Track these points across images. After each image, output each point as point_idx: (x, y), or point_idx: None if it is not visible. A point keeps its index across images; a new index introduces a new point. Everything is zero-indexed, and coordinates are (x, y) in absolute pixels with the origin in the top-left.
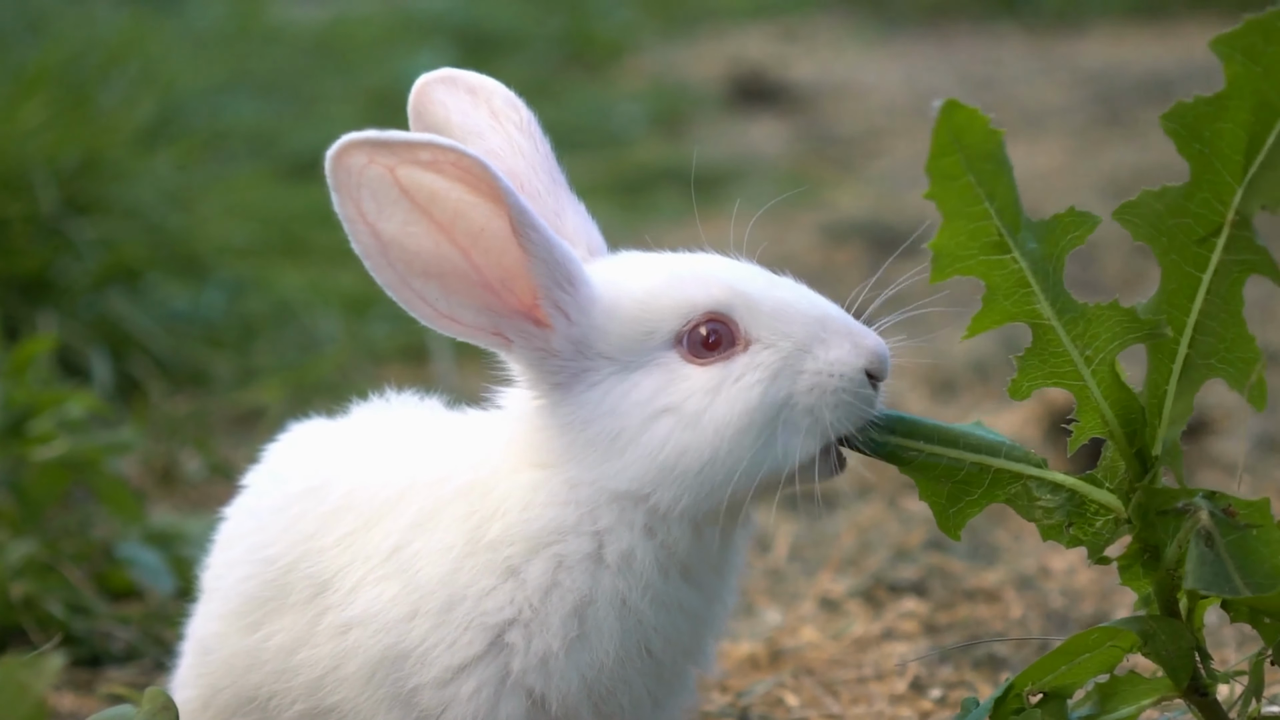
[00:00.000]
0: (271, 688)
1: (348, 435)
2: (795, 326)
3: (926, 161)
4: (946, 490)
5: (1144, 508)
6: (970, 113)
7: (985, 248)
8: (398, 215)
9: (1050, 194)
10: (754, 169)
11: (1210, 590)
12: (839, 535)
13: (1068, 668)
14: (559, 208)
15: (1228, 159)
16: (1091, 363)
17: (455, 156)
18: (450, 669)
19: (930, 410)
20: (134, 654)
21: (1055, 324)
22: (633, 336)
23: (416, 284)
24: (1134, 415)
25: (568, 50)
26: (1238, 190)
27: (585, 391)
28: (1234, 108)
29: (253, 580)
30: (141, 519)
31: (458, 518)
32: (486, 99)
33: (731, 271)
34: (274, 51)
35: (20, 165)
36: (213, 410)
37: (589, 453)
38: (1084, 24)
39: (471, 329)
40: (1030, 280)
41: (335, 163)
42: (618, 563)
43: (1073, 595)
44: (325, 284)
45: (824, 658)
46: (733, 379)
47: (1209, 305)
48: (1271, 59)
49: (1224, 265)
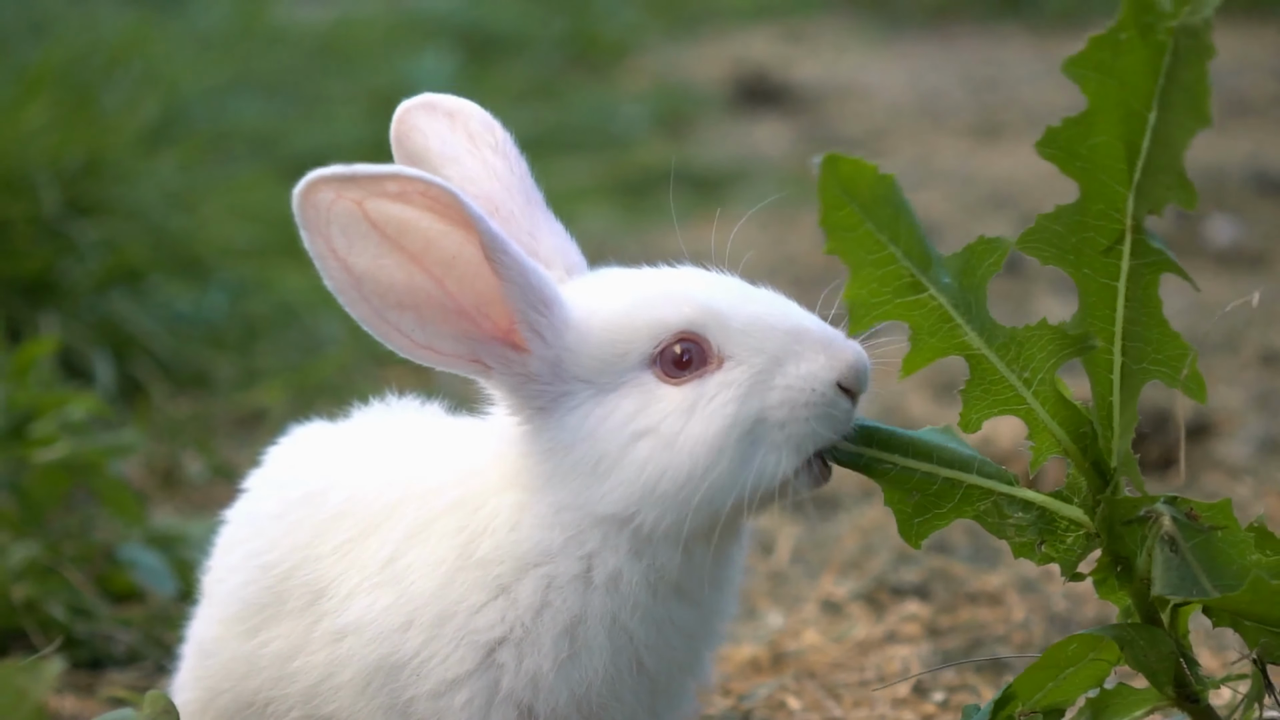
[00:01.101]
0: (269, 694)
1: (347, 441)
2: (768, 342)
3: (819, 217)
4: (915, 501)
5: (1108, 519)
6: (854, 163)
7: (899, 289)
8: (369, 249)
9: (1054, 195)
10: (757, 170)
11: (1178, 594)
12: (841, 538)
13: (1055, 684)
14: (533, 229)
15: (1111, 169)
16: (1031, 384)
17: (423, 186)
18: (444, 682)
19: (932, 411)
20: (135, 657)
21: (987, 352)
22: (607, 359)
23: (392, 316)
24: (1085, 429)
25: (571, 51)
26: (1129, 196)
27: (565, 415)
28: (1102, 122)
29: (251, 586)
30: (143, 521)
31: (449, 532)
32: (464, 123)
33: (703, 288)
34: (277, 52)
35: (23, 166)
36: (215, 412)
37: (572, 478)
38: (1088, 25)
39: (450, 358)
40: (953, 314)
41: (303, 200)
42: (606, 584)
43: (1075, 598)
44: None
45: (826, 661)
46: (706, 398)
47: (1130, 311)
48: (1124, 70)
49: (1134, 270)
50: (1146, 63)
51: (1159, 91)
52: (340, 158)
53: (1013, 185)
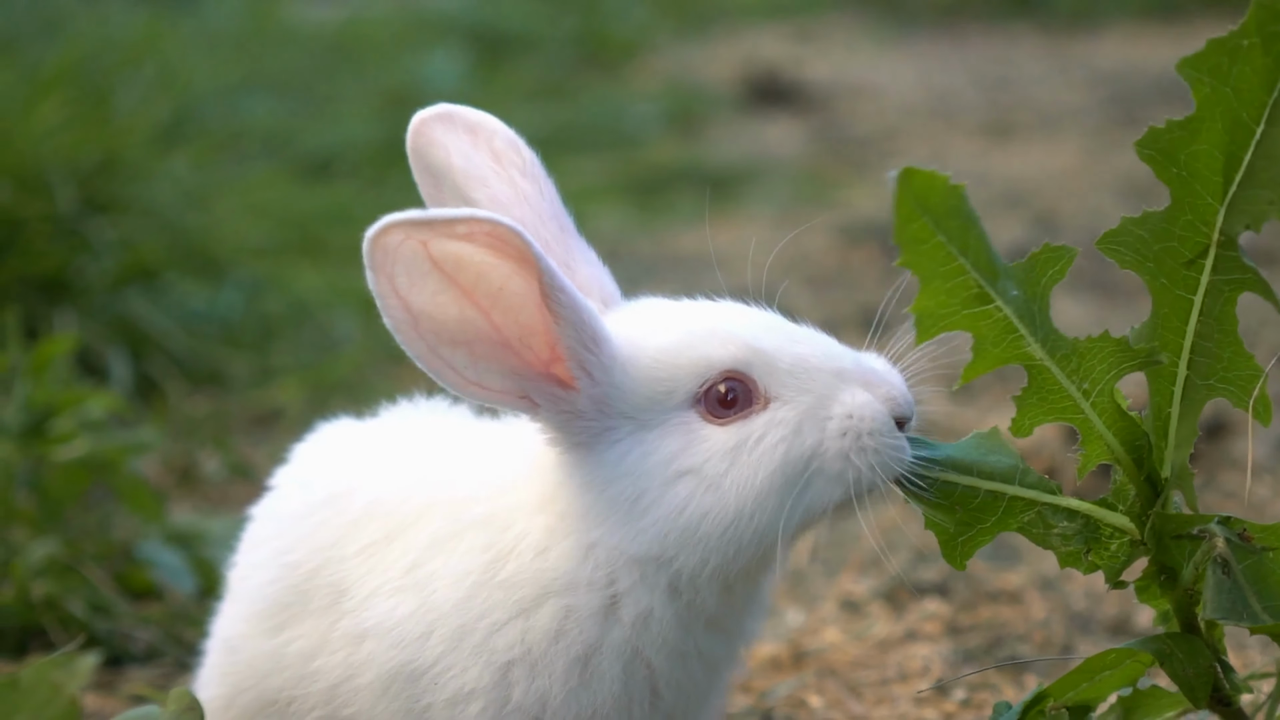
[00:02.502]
0: (291, 692)
1: (374, 441)
2: (814, 382)
3: (894, 232)
4: (957, 518)
5: (1158, 532)
6: (927, 175)
7: (966, 301)
8: (428, 286)
9: (1066, 195)
10: (769, 169)
11: (1229, 619)
12: (860, 537)
13: (1090, 684)
14: (569, 257)
15: (1207, 180)
16: (1090, 395)
17: (490, 227)
18: (461, 693)
19: (950, 413)
20: (155, 654)
21: (1049, 363)
22: (652, 396)
23: (445, 352)
24: (1139, 441)
25: (582, 50)
26: (1220, 210)
27: (605, 450)
28: (1207, 129)
29: (277, 584)
30: (162, 519)
31: (475, 548)
32: (487, 140)
33: (748, 326)
34: (289, 52)
35: (38, 165)
36: (231, 410)
37: (609, 514)
38: (1099, 24)
39: (499, 394)
40: (1017, 325)
41: (374, 243)
42: (633, 621)
43: (1095, 597)
44: (343, 284)
45: (846, 659)
46: (754, 439)
47: (1203, 327)
48: (1239, 78)
49: (1214, 286)
50: (1265, 72)
51: (1272, 104)
52: (351, 156)
53: (1025, 184)
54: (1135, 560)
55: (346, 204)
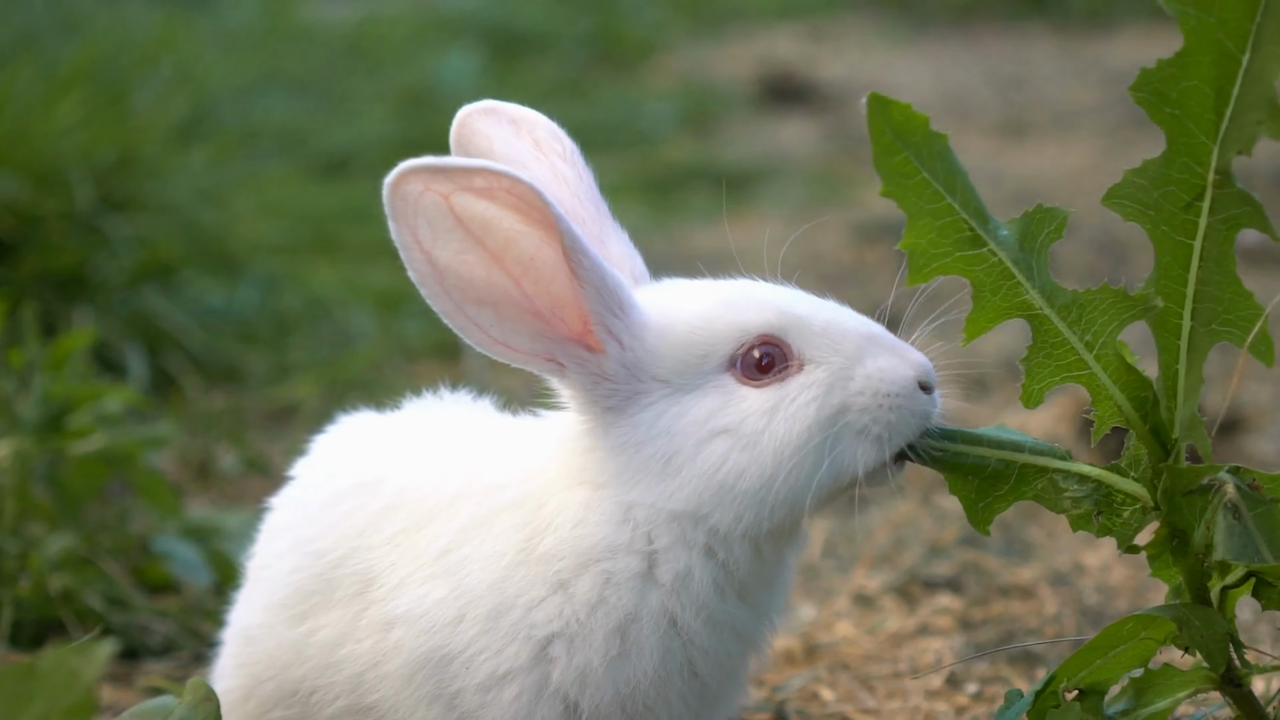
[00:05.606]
0: (314, 683)
1: (399, 431)
2: (845, 343)
3: (872, 159)
4: (975, 485)
5: (1170, 490)
6: (904, 108)
7: (959, 243)
8: (452, 243)
9: (1081, 194)
10: (784, 168)
11: (1239, 559)
12: (873, 532)
13: (1103, 661)
14: (604, 236)
15: (1199, 118)
16: (1093, 348)
17: (509, 183)
18: (495, 675)
19: (963, 409)
20: (171, 647)
21: (1049, 313)
22: (688, 360)
23: (471, 311)
24: (1146, 395)
25: (597, 49)
26: (1214, 148)
27: (638, 414)
28: (1196, 63)
29: (301, 572)
30: (179, 513)
31: (510, 527)
32: (529, 130)
33: (780, 295)
34: (305, 51)
35: (56, 163)
36: (248, 406)
37: (644, 474)
38: (1114, 23)
39: (525, 355)
40: (1014, 272)
41: (392, 190)
42: (672, 582)
43: (1107, 591)
44: (358, 281)
45: (859, 653)
46: (789, 399)
47: (1204, 271)
48: (1225, 8)
49: (1212, 228)
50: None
51: (1256, 30)
52: (367, 155)
53: (1039, 183)
54: (1146, 526)
55: (362, 202)
